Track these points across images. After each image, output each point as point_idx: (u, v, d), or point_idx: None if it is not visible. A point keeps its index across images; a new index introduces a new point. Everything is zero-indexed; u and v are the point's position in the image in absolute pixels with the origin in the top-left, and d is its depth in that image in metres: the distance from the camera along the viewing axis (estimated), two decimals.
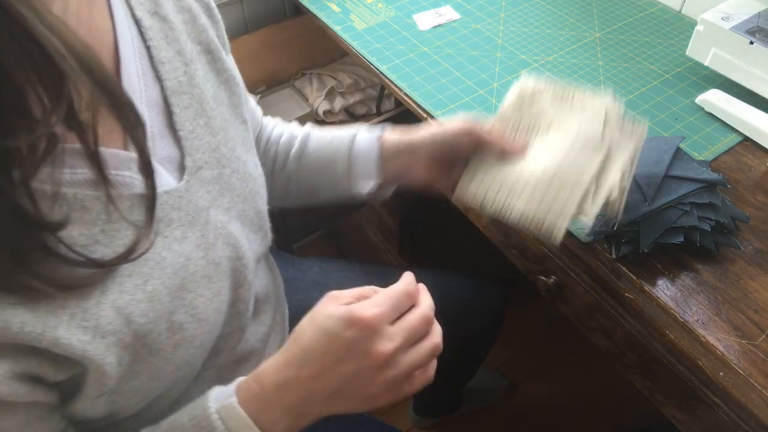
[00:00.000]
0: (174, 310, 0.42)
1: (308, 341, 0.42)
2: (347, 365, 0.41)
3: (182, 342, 0.43)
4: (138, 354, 0.41)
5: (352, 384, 0.42)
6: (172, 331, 0.42)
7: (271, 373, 0.42)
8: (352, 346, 0.41)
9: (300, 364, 0.42)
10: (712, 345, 0.54)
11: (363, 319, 0.41)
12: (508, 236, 0.74)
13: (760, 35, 0.74)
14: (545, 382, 1.38)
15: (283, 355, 0.43)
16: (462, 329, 0.89)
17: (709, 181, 0.61)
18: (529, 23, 0.97)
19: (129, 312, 0.39)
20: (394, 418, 1.32)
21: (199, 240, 0.45)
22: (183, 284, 0.43)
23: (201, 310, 0.44)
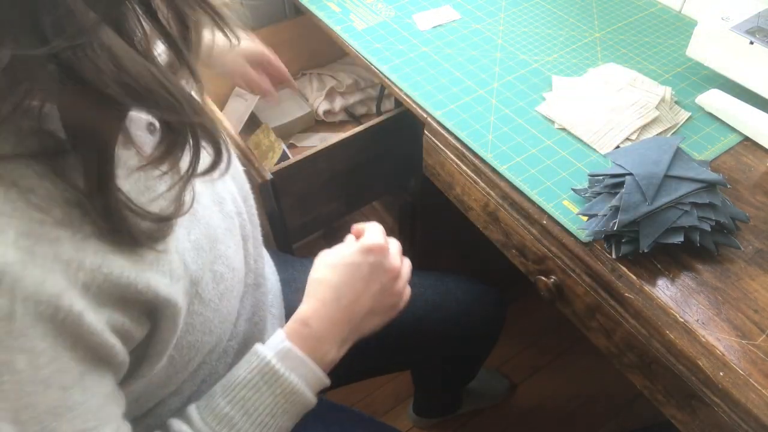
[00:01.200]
0: (214, 260, 0.45)
1: (336, 278, 0.51)
2: (374, 284, 0.52)
3: (225, 292, 0.46)
4: (193, 304, 0.43)
5: (381, 299, 0.53)
6: (216, 281, 0.45)
7: (315, 314, 0.50)
8: (374, 267, 0.52)
9: (337, 298, 0.51)
10: (712, 345, 0.54)
11: (376, 245, 0.52)
12: (508, 236, 0.74)
13: (760, 35, 0.74)
14: (545, 382, 1.38)
15: (315, 299, 0.51)
16: (462, 330, 0.89)
17: (709, 181, 0.61)
18: (529, 23, 0.97)
19: (186, 258, 0.42)
20: (394, 418, 1.32)
21: (213, 196, 0.48)
22: (215, 236, 0.46)
23: (232, 259, 0.48)
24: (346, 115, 1.21)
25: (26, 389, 0.32)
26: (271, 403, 0.47)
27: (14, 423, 0.32)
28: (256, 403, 0.47)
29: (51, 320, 0.32)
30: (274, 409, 0.47)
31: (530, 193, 0.69)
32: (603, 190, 0.64)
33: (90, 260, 0.34)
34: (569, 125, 0.77)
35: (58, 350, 0.33)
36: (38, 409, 0.33)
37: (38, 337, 0.32)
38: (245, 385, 0.47)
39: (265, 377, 0.47)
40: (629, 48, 0.91)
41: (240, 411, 0.46)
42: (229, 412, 0.46)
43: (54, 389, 0.33)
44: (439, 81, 0.86)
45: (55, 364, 0.33)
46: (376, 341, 0.83)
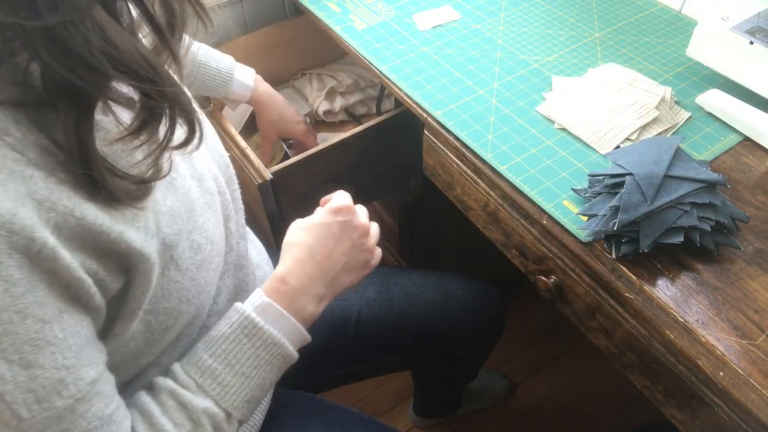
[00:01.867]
0: (191, 229, 0.47)
1: (309, 239, 0.55)
2: (345, 241, 0.56)
3: (203, 263, 0.48)
4: (168, 269, 0.44)
5: (353, 255, 0.57)
6: (193, 251, 0.47)
7: (291, 271, 0.53)
8: (344, 225, 0.56)
9: (311, 255, 0.54)
10: (712, 345, 0.54)
11: (344, 205, 0.57)
12: (508, 236, 0.74)
13: (760, 35, 0.74)
14: (545, 382, 1.38)
15: (291, 259, 0.54)
16: (463, 330, 0.89)
17: (709, 181, 0.61)
18: (529, 23, 0.97)
19: (159, 220, 0.43)
20: (394, 418, 1.32)
21: (191, 171, 0.50)
22: (192, 206, 0.47)
23: (211, 233, 0.49)
24: (346, 115, 1.21)
25: (2, 317, 0.33)
26: (252, 354, 0.49)
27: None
28: (237, 355, 0.48)
29: (25, 251, 0.34)
30: (255, 361, 0.49)
31: (530, 193, 0.69)
32: (603, 190, 0.64)
33: (63, 204, 0.35)
34: (569, 125, 0.77)
35: (34, 282, 0.34)
36: (18, 339, 0.34)
37: (14, 266, 0.33)
38: (226, 339, 0.49)
39: (245, 330, 0.49)
40: (629, 48, 0.91)
41: (222, 363, 0.48)
42: (212, 365, 0.48)
43: (32, 320, 0.35)
44: (439, 81, 0.86)
45: (31, 296, 0.34)
46: (375, 341, 0.84)
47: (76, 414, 0.39)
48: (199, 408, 0.46)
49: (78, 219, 0.36)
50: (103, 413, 0.41)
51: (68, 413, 0.38)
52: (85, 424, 0.39)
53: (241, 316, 0.50)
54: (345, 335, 0.81)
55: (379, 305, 0.83)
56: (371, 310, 0.83)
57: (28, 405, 0.36)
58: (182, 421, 0.46)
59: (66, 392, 0.38)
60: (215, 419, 0.47)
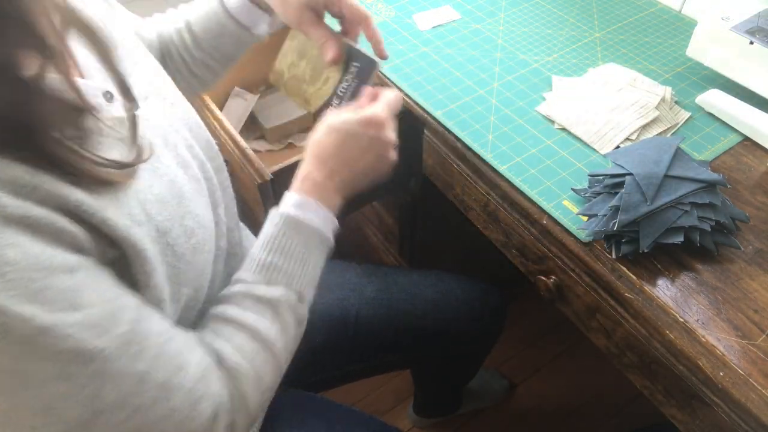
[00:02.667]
0: (183, 215, 0.48)
1: (335, 144, 0.57)
2: (371, 153, 0.58)
3: (198, 246, 0.50)
4: (165, 255, 0.46)
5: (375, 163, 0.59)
6: (187, 236, 0.48)
7: (317, 170, 0.57)
8: (373, 140, 0.57)
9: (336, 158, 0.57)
10: (712, 345, 0.54)
11: (378, 118, 0.57)
12: (508, 236, 0.74)
13: (760, 35, 0.74)
14: (545, 382, 1.38)
15: (316, 158, 0.57)
16: (463, 329, 0.89)
17: (709, 181, 0.61)
18: (529, 23, 0.97)
19: (148, 209, 0.45)
20: (394, 418, 1.32)
21: (176, 158, 0.51)
22: (181, 193, 0.49)
23: (202, 217, 0.51)
24: None
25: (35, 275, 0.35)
26: (303, 243, 0.54)
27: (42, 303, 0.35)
28: (291, 246, 0.54)
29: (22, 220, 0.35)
30: (306, 248, 0.55)
31: (530, 193, 0.69)
32: (603, 190, 0.64)
33: (45, 188, 0.37)
34: (569, 125, 0.77)
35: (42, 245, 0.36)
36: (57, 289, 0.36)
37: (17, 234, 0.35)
38: (276, 236, 0.54)
39: (290, 225, 0.54)
40: (629, 48, 0.91)
41: (279, 255, 0.53)
42: (272, 260, 0.53)
43: (60, 272, 0.37)
44: (439, 81, 0.86)
45: (47, 253, 0.36)
46: (375, 340, 0.84)
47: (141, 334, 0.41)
48: (275, 296, 0.52)
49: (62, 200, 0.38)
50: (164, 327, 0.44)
51: (134, 335, 0.40)
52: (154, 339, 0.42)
53: (284, 215, 0.54)
54: (345, 334, 0.81)
55: (379, 304, 0.84)
56: (371, 309, 0.83)
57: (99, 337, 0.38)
58: (263, 311, 0.51)
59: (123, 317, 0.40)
60: (290, 302, 0.53)
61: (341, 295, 0.83)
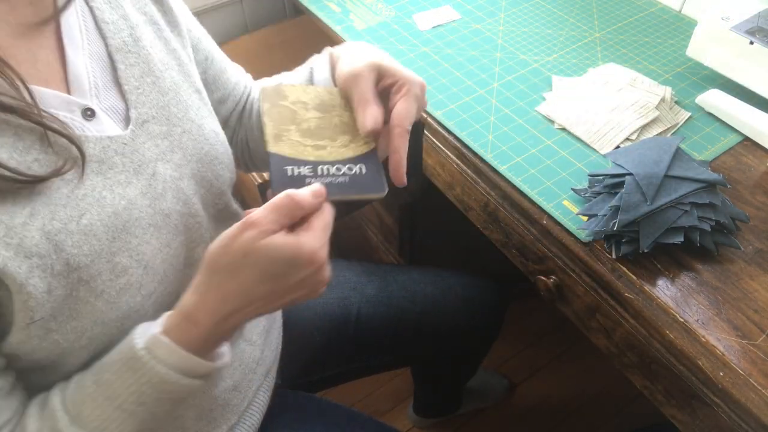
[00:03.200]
0: (116, 251, 0.44)
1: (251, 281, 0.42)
2: (298, 293, 0.44)
3: (127, 287, 0.45)
4: (76, 290, 0.42)
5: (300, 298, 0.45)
6: (114, 274, 0.44)
7: (208, 312, 0.43)
8: (305, 280, 0.43)
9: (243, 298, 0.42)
10: (712, 345, 0.54)
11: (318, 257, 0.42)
12: (508, 236, 0.74)
13: (760, 35, 0.74)
14: (545, 382, 1.38)
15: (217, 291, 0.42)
16: (462, 327, 0.89)
17: (709, 181, 0.61)
18: (529, 23, 0.97)
19: (59, 240, 0.41)
20: (394, 418, 1.32)
21: (145, 188, 0.47)
22: (126, 227, 0.45)
23: (149, 257, 0.46)
24: None
25: None
26: (136, 391, 0.43)
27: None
28: (119, 389, 0.43)
29: None
30: (139, 397, 0.43)
31: (530, 193, 0.69)
32: (603, 190, 0.64)
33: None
34: (569, 125, 0.77)
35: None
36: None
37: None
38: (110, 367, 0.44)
39: (129, 363, 0.43)
40: (629, 48, 0.91)
41: (103, 394, 0.43)
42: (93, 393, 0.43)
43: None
44: (439, 81, 0.86)
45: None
46: (375, 338, 0.84)
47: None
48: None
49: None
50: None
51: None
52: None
53: (128, 348, 0.43)
54: (345, 333, 0.81)
55: (379, 302, 0.84)
56: (371, 307, 0.83)
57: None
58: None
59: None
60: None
61: (342, 294, 0.83)
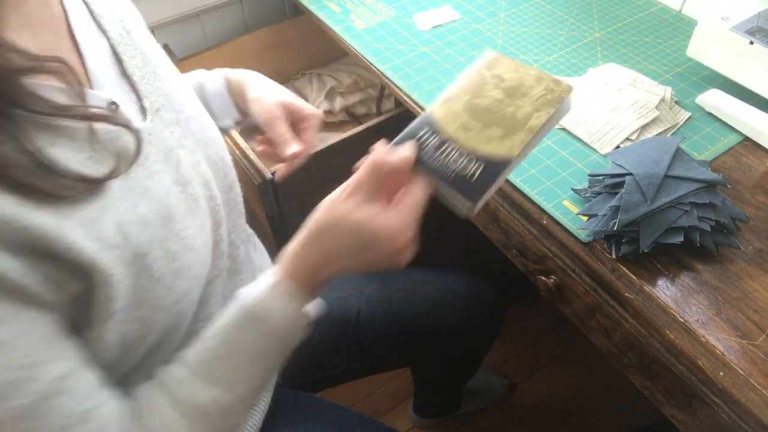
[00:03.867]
0: (166, 237, 0.46)
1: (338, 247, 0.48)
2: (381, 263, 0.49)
3: (179, 271, 0.47)
4: (139, 278, 0.44)
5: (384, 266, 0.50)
6: (168, 259, 0.46)
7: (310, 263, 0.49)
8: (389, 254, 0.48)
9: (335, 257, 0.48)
10: (712, 345, 0.54)
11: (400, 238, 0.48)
12: (508, 236, 0.74)
13: (760, 35, 0.74)
14: (545, 382, 1.38)
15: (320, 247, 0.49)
16: (462, 327, 0.89)
17: (709, 181, 0.61)
18: (529, 23, 0.97)
19: (126, 230, 0.43)
20: (394, 418, 1.32)
21: (175, 176, 0.49)
22: (169, 214, 0.47)
23: (191, 240, 0.48)
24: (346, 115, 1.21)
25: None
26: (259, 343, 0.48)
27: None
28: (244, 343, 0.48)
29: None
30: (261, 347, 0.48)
31: (530, 193, 0.69)
32: (603, 190, 0.64)
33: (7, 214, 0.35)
34: (569, 125, 0.77)
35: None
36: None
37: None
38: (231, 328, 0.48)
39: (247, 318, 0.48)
40: (629, 48, 0.91)
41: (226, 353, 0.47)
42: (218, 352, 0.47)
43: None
44: (439, 81, 0.86)
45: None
46: (376, 338, 0.84)
47: (40, 413, 0.38)
48: (209, 398, 0.46)
49: (23, 228, 0.36)
50: (74, 410, 0.40)
51: (31, 412, 0.37)
52: (56, 421, 0.38)
53: (243, 307, 0.48)
54: (345, 333, 0.81)
55: (379, 303, 0.84)
56: (371, 307, 0.83)
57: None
58: (190, 412, 0.45)
59: (25, 391, 0.37)
60: (225, 407, 0.47)
61: (342, 294, 0.83)
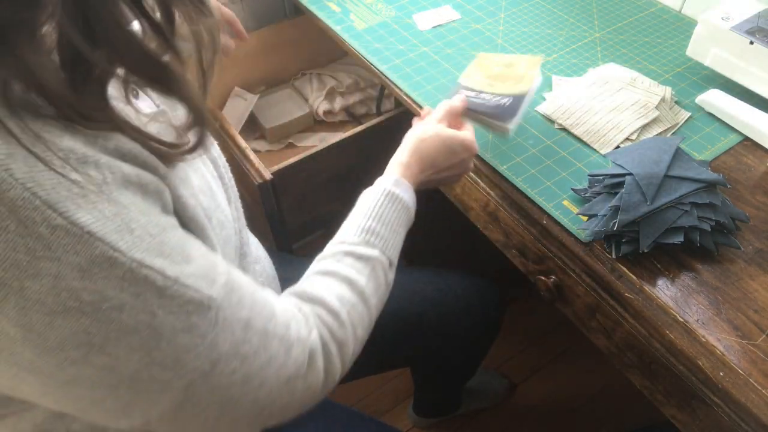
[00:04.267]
0: (215, 207, 0.50)
1: (436, 149, 0.66)
2: (456, 169, 0.68)
3: (226, 240, 0.51)
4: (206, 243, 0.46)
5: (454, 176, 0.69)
6: (219, 228, 0.49)
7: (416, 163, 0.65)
8: (463, 161, 0.68)
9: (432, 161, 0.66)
10: (712, 345, 0.54)
11: (473, 148, 0.67)
12: (508, 236, 0.74)
13: (760, 35, 0.74)
14: (545, 382, 1.38)
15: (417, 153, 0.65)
16: (462, 327, 0.89)
17: (709, 181, 0.61)
18: (529, 23, 0.97)
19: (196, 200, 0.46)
20: (394, 418, 1.32)
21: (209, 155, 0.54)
22: (210, 186, 0.50)
23: (226, 213, 0.53)
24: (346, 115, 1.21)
25: (153, 231, 0.36)
26: (396, 215, 0.61)
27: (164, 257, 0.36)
28: (389, 216, 0.60)
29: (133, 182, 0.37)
30: (399, 219, 0.61)
31: (530, 193, 0.69)
32: (603, 190, 0.64)
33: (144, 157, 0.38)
34: (569, 125, 0.77)
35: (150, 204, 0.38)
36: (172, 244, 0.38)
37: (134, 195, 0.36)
38: (376, 206, 0.60)
39: (390, 198, 0.61)
40: (629, 48, 0.91)
41: (378, 222, 0.59)
42: (372, 225, 0.58)
43: (170, 229, 0.38)
44: (439, 81, 0.86)
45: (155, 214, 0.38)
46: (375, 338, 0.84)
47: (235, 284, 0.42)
48: (373, 257, 0.56)
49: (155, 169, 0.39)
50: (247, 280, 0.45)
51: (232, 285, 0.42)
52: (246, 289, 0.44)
53: (385, 190, 0.61)
54: None
55: None
56: None
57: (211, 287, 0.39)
58: (361, 269, 0.55)
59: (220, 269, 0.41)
60: (383, 265, 0.57)
61: None
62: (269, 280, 0.74)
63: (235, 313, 0.41)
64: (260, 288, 0.47)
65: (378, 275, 0.56)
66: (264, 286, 0.66)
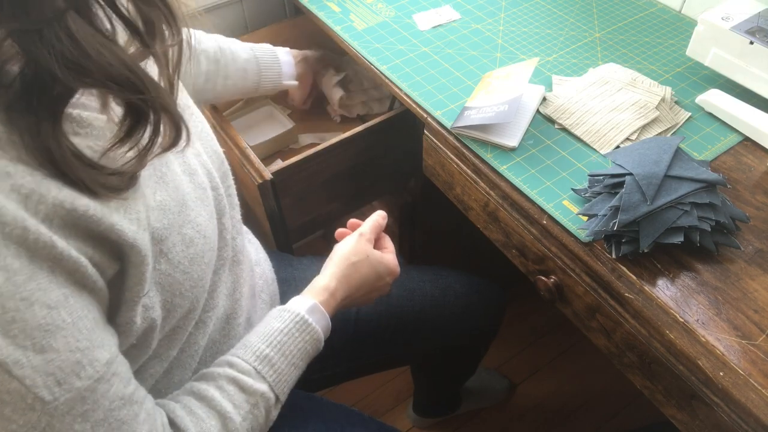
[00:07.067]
0: (182, 223, 0.48)
1: (363, 274, 0.66)
2: (377, 292, 0.70)
3: (195, 257, 0.49)
4: (159, 263, 0.45)
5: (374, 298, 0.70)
6: (185, 244, 0.48)
7: (341, 289, 0.64)
8: (387, 285, 0.70)
9: (358, 287, 0.66)
10: (712, 345, 0.54)
11: (396, 271, 0.70)
12: (508, 236, 0.74)
13: (760, 35, 0.74)
14: (545, 382, 1.38)
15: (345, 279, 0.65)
16: (461, 326, 0.90)
17: (709, 181, 0.61)
18: (529, 23, 0.97)
19: (149, 215, 0.44)
20: (394, 418, 1.32)
21: (182, 165, 0.51)
22: (184, 201, 0.48)
23: (203, 227, 0.51)
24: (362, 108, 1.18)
25: (9, 305, 0.34)
26: (302, 348, 0.57)
27: (5, 336, 0.34)
28: (290, 347, 0.56)
29: (21, 242, 0.34)
30: (302, 353, 0.57)
31: (530, 193, 0.69)
32: (603, 190, 0.64)
33: (53, 196, 0.36)
34: (569, 125, 0.77)
35: (34, 270, 0.35)
36: (27, 325, 0.35)
37: (11, 256, 0.34)
38: (281, 332, 0.56)
39: (298, 326, 0.57)
40: (629, 48, 0.91)
41: (278, 353, 0.55)
42: (269, 354, 0.54)
43: (38, 307, 0.35)
44: (439, 81, 0.86)
45: (33, 283, 0.35)
46: (375, 337, 0.84)
47: (97, 394, 0.39)
48: (258, 392, 0.52)
49: (69, 210, 0.37)
50: (123, 393, 0.42)
51: (89, 393, 0.39)
52: (107, 404, 0.40)
53: (296, 315, 0.58)
54: (345, 332, 0.81)
55: (378, 302, 0.83)
56: (370, 306, 0.83)
57: (49, 388, 0.36)
58: (241, 404, 0.51)
59: (84, 373, 0.38)
60: (268, 402, 0.53)
61: None
62: (268, 283, 0.74)
63: (67, 424, 0.37)
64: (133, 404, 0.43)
65: (258, 414, 0.52)
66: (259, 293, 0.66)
